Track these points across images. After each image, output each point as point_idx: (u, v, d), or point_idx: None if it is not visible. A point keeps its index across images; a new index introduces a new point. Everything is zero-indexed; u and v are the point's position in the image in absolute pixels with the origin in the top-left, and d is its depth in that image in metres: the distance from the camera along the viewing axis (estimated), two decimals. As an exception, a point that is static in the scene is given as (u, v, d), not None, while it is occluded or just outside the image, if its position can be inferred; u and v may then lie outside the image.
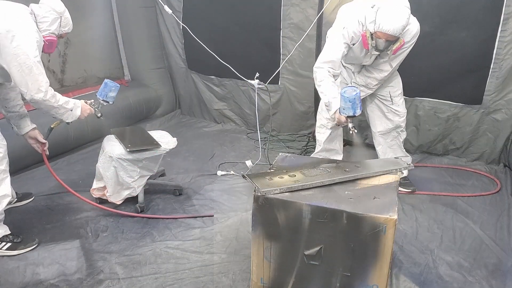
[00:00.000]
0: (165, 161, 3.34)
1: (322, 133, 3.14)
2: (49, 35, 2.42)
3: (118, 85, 2.73)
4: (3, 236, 2.37)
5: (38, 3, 2.42)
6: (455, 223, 2.76)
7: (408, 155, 3.19)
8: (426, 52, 3.41)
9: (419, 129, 3.76)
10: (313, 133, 3.91)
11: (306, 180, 1.92)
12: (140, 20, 4.50)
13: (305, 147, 4.02)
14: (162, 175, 3.29)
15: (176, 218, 2.78)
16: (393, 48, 2.57)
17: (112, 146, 2.74)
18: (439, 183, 3.32)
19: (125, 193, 2.74)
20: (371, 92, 2.96)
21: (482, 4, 3.21)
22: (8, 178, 2.39)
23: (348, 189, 1.91)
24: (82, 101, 2.61)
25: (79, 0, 4.07)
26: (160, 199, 3.02)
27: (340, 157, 3.22)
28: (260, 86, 3.49)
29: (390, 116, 3.01)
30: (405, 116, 3.05)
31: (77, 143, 3.78)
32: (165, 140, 2.89)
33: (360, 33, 2.62)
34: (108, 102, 2.73)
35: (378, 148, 3.15)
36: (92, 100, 2.69)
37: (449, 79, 3.51)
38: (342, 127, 2.92)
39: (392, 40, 2.53)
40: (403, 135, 3.09)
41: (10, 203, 2.70)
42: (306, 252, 1.82)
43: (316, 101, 4.04)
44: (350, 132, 2.53)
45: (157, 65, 4.71)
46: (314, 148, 3.48)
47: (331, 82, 2.64)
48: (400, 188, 2.98)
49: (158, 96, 4.66)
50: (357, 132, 2.56)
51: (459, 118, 3.59)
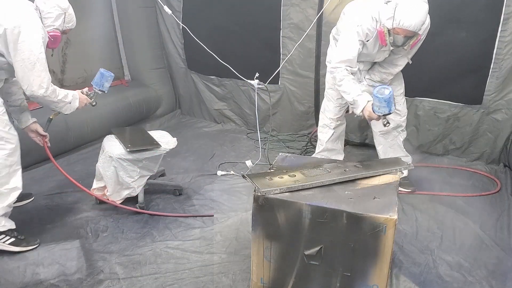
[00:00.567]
0: (165, 161, 3.33)
1: (324, 132, 3.14)
2: (53, 31, 2.43)
3: (113, 74, 2.74)
4: (8, 230, 2.37)
5: None
6: (455, 223, 2.76)
7: (409, 155, 3.18)
8: (426, 52, 3.39)
9: (419, 129, 3.76)
10: (313, 133, 3.91)
11: (306, 180, 1.92)
12: (140, 20, 4.50)
13: (305, 147, 4.02)
14: (162, 175, 3.29)
15: (176, 217, 2.78)
16: (410, 43, 2.56)
17: (112, 146, 2.74)
18: (439, 183, 3.32)
19: (125, 193, 2.74)
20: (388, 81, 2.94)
21: (482, 4, 3.21)
22: (20, 171, 2.40)
23: (348, 189, 1.91)
24: (79, 91, 2.63)
25: (79, 0, 4.07)
26: (160, 199, 3.02)
27: (341, 157, 3.22)
28: (260, 86, 3.49)
29: (391, 116, 2.99)
30: (406, 116, 3.05)
31: (77, 143, 3.78)
32: (165, 140, 2.89)
33: (374, 29, 2.61)
34: (103, 92, 2.73)
35: (379, 148, 3.15)
36: (87, 88, 2.70)
37: (449, 79, 3.51)
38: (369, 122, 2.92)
39: (410, 35, 2.52)
40: (403, 135, 3.09)
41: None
42: (306, 252, 1.82)
43: (316, 101, 4.04)
44: (385, 126, 2.56)
45: (157, 65, 4.71)
46: (314, 148, 3.48)
47: (352, 80, 2.63)
48: (400, 188, 2.98)
49: (158, 96, 4.65)
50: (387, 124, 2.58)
51: (459, 118, 3.59)
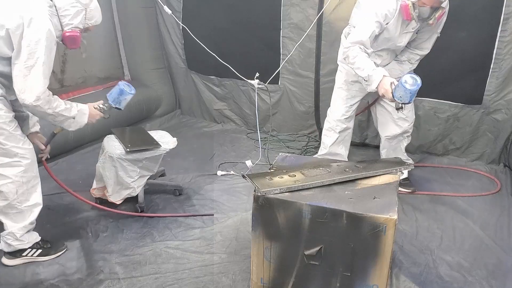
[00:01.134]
0: (165, 161, 3.33)
1: (329, 136, 3.09)
2: (72, 30, 2.20)
3: (134, 91, 2.49)
4: (34, 243, 2.33)
5: None
6: (455, 223, 2.76)
7: (409, 158, 3.18)
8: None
9: (419, 129, 3.75)
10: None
11: (306, 180, 1.92)
12: (140, 20, 4.50)
13: (305, 147, 4.02)
14: (162, 175, 3.29)
15: (176, 217, 2.78)
16: (436, 16, 2.52)
17: (112, 146, 2.74)
18: (439, 183, 3.32)
19: (125, 193, 2.74)
20: (414, 67, 2.91)
21: (482, 4, 3.21)
22: (39, 185, 2.28)
23: (348, 189, 1.91)
24: (91, 105, 2.39)
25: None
26: (160, 199, 3.02)
27: None
28: (260, 86, 3.49)
29: (399, 122, 2.97)
30: (413, 122, 3.02)
31: (77, 143, 3.78)
32: (165, 140, 2.89)
33: (394, 10, 2.54)
34: (119, 109, 2.50)
35: (383, 152, 3.14)
36: (101, 102, 2.44)
37: (449, 79, 3.51)
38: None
39: (437, 5, 2.47)
40: (407, 140, 3.08)
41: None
42: (306, 252, 1.82)
43: (316, 101, 4.04)
44: (397, 110, 2.53)
45: (157, 65, 4.71)
46: (314, 148, 3.48)
47: (366, 57, 2.54)
48: (400, 188, 2.97)
49: (158, 96, 4.65)
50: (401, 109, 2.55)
51: (459, 118, 3.58)
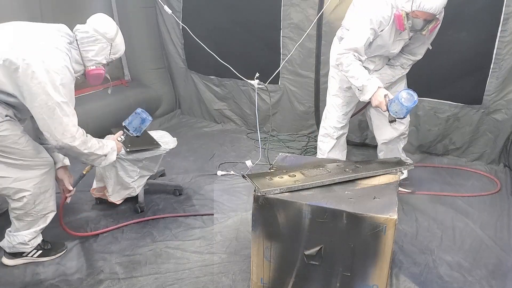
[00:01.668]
0: (165, 161, 3.34)
1: (326, 142, 3.07)
2: (95, 68, 2.14)
3: (151, 118, 2.50)
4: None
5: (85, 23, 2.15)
6: (455, 223, 2.76)
7: (408, 158, 3.18)
8: (426, 52, 3.40)
9: (419, 129, 3.75)
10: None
11: (306, 180, 1.92)
12: (140, 20, 4.49)
13: (305, 147, 4.02)
14: (162, 175, 3.29)
15: (176, 217, 2.78)
16: (429, 28, 2.49)
17: (112, 146, 2.74)
18: (439, 183, 3.32)
19: (125, 193, 2.74)
20: (406, 72, 2.89)
21: (482, 4, 3.21)
22: (54, 193, 2.26)
23: (348, 189, 1.91)
24: (115, 139, 2.38)
25: (79, 0, 4.07)
26: (160, 199, 3.02)
27: None
28: (260, 86, 3.49)
29: (396, 125, 2.93)
30: (409, 124, 3.01)
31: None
32: (165, 140, 2.89)
33: (389, 17, 2.51)
34: (138, 136, 2.50)
35: (380, 154, 3.12)
36: (121, 133, 2.45)
37: (449, 79, 3.51)
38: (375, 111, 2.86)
39: (430, 19, 2.45)
40: (404, 141, 3.06)
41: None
42: (306, 252, 1.82)
43: (316, 101, 4.04)
44: (390, 122, 2.50)
45: (157, 65, 4.71)
46: (314, 148, 3.48)
47: (360, 66, 2.51)
48: (400, 188, 2.97)
49: (158, 96, 4.65)
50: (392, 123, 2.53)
51: (459, 118, 3.59)
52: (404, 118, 2.44)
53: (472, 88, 3.46)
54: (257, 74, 3.40)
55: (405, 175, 3.15)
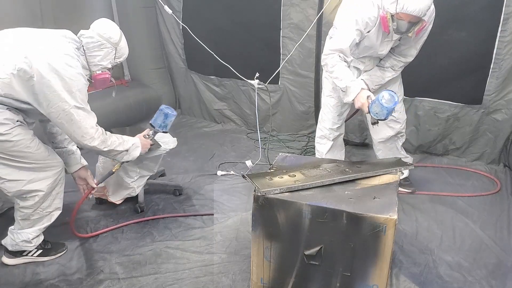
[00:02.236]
0: (165, 161, 3.34)
1: (323, 144, 3.06)
2: (101, 72, 2.19)
3: (175, 112, 2.54)
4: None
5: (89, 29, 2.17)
6: (455, 223, 2.76)
7: (408, 156, 3.17)
8: (426, 52, 3.39)
9: (419, 129, 3.75)
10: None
11: (306, 180, 1.92)
12: (140, 20, 4.50)
13: (305, 147, 4.02)
14: (162, 175, 3.29)
15: (176, 217, 2.78)
16: (415, 30, 2.44)
17: (112, 146, 2.74)
18: (439, 183, 3.32)
19: (125, 193, 2.74)
20: (396, 75, 2.83)
21: (482, 4, 3.21)
22: (63, 191, 2.31)
23: (348, 189, 1.91)
24: (141, 136, 2.44)
25: (79, 0, 4.07)
26: (160, 199, 3.02)
27: None
28: (260, 86, 3.49)
29: (391, 124, 2.95)
30: (405, 122, 3.00)
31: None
32: (165, 140, 2.89)
33: (375, 18, 2.48)
34: (166, 132, 2.56)
35: (378, 154, 3.12)
36: (148, 130, 2.52)
37: (449, 79, 3.51)
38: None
39: (415, 21, 2.40)
40: (402, 139, 3.05)
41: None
42: (306, 252, 1.82)
43: (316, 101, 4.04)
44: (372, 125, 2.46)
45: (157, 65, 4.71)
46: (314, 148, 3.47)
47: (345, 67, 2.48)
48: (400, 188, 2.97)
49: (158, 96, 4.65)
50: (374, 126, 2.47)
51: (459, 118, 3.59)
52: (385, 119, 2.35)
53: (472, 88, 3.46)
54: (257, 74, 3.40)
55: (405, 175, 3.15)
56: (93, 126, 2.12)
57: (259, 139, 3.71)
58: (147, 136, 2.48)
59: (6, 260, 2.29)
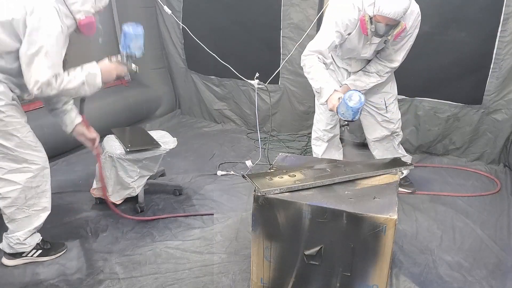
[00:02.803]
0: (165, 161, 3.33)
1: (318, 145, 3.06)
2: (86, 18, 2.12)
3: (140, 30, 2.23)
4: (35, 244, 2.32)
5: None
6: (455, 223, 2.76)
7: (407, 154, 3.17)
8: (426, 52, 3.41)
9: (419, 129, 3.76)
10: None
11: (306, 180, 1.92)
12: (140, 20, 4.43)
13: (305, 147, 4.02)
14: (162, 175, 3.29)
15: (176, 217, 2.78)
16: (394, 33, 2.41)
17: (112, 146, 2.74)
18: (439, 183, 3.32)
19: (125, 193, 2.74)
20: (382, 80, 2.78)
21: (482, 4, 3.21)
22: (49, 192, 2.27)
23: (348, 189, 1.91)
24: (106, 60, 2.24)
25: None
26: (160, 199, 3.02)
27: None
28: (260, 86, 3.49)
29: (384, 124, 2.94)
30: (399, 122, 2.97)
31: (77, 143, 3.74)
32: (165, 140, 2.89)
33: (356, 20, 2.46)
34: (134, 56, 2.28)
35: (375, 153, 3.11)
36: (118, 55, 2.29)
37: (449, 79, 3.51)
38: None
39: (393, 24, 2.37)
40: (399, 138, 3.04)
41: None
42: (306, 252, 1.82)
43: (316, 101, 4.04)
44: (342, 128, 2.42)
45: (157, 65, 4.71)
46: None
47: (322, 68, 2.44)
48: (400, 189, 2.97)
49: (158, 96, 4.65)
50: (349, 130, 2.41)
51: (459, 118, 3.59)
52: (353, 121, 2.26)
53: (472, 88, 3.46)
54: (257, 74, 3.40)
55: (405, 174, 3.15)
56: (47, 76, 2.00)
57: (259, 139, 3.71)
58: (114, 59, 2.27)
59: (6, 261, 2.28)
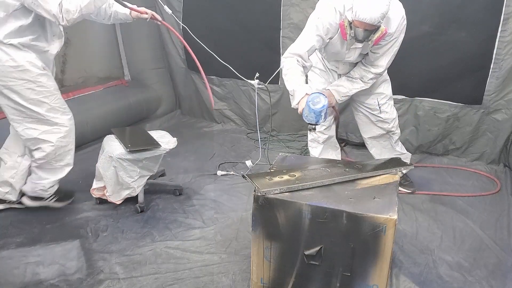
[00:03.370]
0: (165, 161, 3.33)
1: (314, 147, 3.07)
2: None
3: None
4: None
5: None
6: (455, 223, 2.76)
7: (406, 151, 3.15)
8: (426, 52, 3.41)
9: (419, 129, 3.76)
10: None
11: (306, 180, 1.92)
12: (140, 20, 4.49)
13: (305, 147, 4.02)
14: (162, 175, 3.28)
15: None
16: (374, 39, 2.38)
17: (112, 146, 2.74)
18: (439, 183, 3.32)
19: (125, 193, 2.74)
20: (366, 87, 2.75)
21: (482, 4, 3.21)
22: (73, 150, 2.65)
23: (348, 189, 1.91)
24: None
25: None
26: (160, 199, 3.02)
27: None
28: (260, 86, 3.49)
29: (379, 124, 2.94)
30: (394, 121, 2.95)
31: (77, 143, 3.73)
32: (165, 140, 2.89)
33: (337, 24, 2.44)
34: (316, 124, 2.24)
35: (372, 151, 3.10)
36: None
37: (449, 79, 3.51)
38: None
39: (371, 29, 2.35)
40: (396, 136, 3.01)
41: (12, 203, 2.72)
42: (306, 252, 1.82)
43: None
44: (309, 130, 2.36)
45: (157, 65, 4.71)
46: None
47: (299, 71, 2.41)
48: (400, 189, 2.97)
49: (158, 96, 4.65)
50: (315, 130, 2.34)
51: (459, 118, 3.59)
52: (316, 124, 2.21)
53: (472, 88, 3.46)
54: (257, 74, 3.39)
55: (404, 172, 3.13)
56: (56, 3, 2.20)
57: (259, 139, 3.71)
58: None
59: (28, 202, 2.66)
